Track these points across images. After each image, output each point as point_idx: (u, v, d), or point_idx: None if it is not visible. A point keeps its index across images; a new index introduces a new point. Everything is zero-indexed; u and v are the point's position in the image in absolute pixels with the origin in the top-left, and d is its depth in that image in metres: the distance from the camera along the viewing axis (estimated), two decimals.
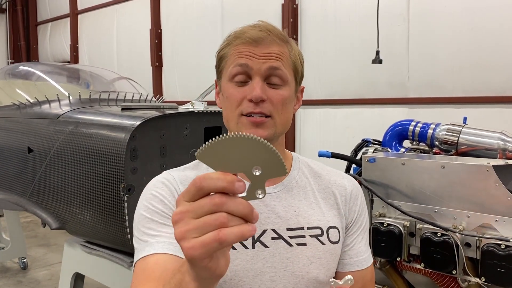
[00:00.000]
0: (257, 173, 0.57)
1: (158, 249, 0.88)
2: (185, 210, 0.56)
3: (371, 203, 2.14)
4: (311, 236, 0.98)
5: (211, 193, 0.56)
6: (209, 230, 0.54)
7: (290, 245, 0.97)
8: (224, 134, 0.56)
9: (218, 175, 0.55)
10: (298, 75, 1.01)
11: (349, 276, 0.66)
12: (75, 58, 9.30)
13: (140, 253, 0.90)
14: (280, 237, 0.96)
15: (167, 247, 0.87)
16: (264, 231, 0.96)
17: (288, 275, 0.95)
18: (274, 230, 0.96)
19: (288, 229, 0.97)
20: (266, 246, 0.95)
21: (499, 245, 1.77)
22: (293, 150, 5.44)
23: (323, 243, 0.99)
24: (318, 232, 0.99)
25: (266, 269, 0.94)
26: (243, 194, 0.57)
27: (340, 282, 0.65)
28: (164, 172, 1.03)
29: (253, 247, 0.94)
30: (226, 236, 0.53)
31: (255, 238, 0.95)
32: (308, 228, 0.99)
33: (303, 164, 1.10)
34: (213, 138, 0.56)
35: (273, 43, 0.95)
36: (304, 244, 0.97)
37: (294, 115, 4.87)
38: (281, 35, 0.98)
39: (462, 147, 2.24)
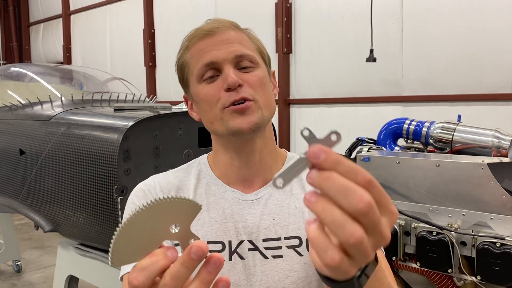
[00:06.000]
0: (177, 229, 0.50)
1: None
2: None
3: None
4: (288, 247, 0.91)
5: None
6: None
7: (266, 257, 0.91)
8: (119, 226, 0.48)
9: (146, 261, 0.49)
10: (265, 57, 0.97)
11: (336, 131, 0.49)
12: (68, 59, 9.25)
13: (124, 268, 0.91)
14: (256, 248, 0.91)
15: None
16: (241, 242, 0.91)
17: None
18: (250, 241, 0.91)
19: (264, 240, 0.91)
20: (242, 258, 0.90)
21: (495, 243, 1.76)
22: (288, 149, 5.42)
23: (301, 254, 0.91)
24: (296, 242, 0.91)
25: (241, 282, 0.89)
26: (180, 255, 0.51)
27: (320, 137, 0.49)
28: (150, 177, 1.01)
29: (230, 259, 0.90)
30: None
31: (232, 250, 0.90)
32: (286, 238, 0.92)
33: None
34: (113, 236, 0.49)
35: (229, 29, 0.91)
36: (280, 257, 0.90)
37: (288, 113, 4.84)
38: (235, 23, 0.94)
39: (457, 145, 2.24)
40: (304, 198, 0.48)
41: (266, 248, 0.91)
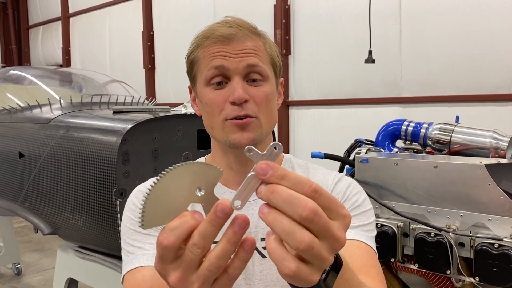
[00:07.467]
0: (202, 192, 0.53)
1: (143, 261, 0.88)
2: (180, 275, 0.51)
3: None
4: None
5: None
6: (217, 274, 0.51)
7: (264, 256, 0.92)
8: (148, 188, 0.51)
9: (176, 222, 0.51)
10: (277, 68, 0.96)
11: (277, 143, 0.51)
12: (67, 62, 9.25)
13: (127, 266, 0.91)
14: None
15: (151, 258, 0.86)
16: None
17: None
18: None
19: (262, 239, 0.92)
20: None
21: (493, 244, 1.77)
22: (287, 151, 5.42)
23: None
24: None
25: (240, 281, 0.91)
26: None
27: (263, 153, 0.52)
28: (149, 180, 1.02)
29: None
30: (234, 272, 0.52)
31: None
32: None
33: (297, 166, 1.05)
34: (142, 200, 0.51)
35: (246, 37, 0.90)
36: None
37: (287, 115, 4.82)
38: (253, 28, 0.93)
39: (455, 146, 2.24)
40: (259, 211, 0.50)
41: (264, 248, 0.92)
